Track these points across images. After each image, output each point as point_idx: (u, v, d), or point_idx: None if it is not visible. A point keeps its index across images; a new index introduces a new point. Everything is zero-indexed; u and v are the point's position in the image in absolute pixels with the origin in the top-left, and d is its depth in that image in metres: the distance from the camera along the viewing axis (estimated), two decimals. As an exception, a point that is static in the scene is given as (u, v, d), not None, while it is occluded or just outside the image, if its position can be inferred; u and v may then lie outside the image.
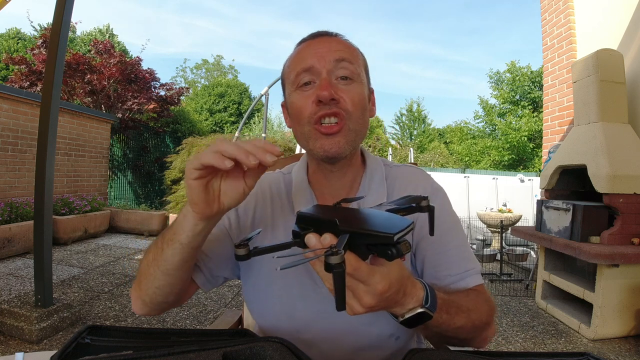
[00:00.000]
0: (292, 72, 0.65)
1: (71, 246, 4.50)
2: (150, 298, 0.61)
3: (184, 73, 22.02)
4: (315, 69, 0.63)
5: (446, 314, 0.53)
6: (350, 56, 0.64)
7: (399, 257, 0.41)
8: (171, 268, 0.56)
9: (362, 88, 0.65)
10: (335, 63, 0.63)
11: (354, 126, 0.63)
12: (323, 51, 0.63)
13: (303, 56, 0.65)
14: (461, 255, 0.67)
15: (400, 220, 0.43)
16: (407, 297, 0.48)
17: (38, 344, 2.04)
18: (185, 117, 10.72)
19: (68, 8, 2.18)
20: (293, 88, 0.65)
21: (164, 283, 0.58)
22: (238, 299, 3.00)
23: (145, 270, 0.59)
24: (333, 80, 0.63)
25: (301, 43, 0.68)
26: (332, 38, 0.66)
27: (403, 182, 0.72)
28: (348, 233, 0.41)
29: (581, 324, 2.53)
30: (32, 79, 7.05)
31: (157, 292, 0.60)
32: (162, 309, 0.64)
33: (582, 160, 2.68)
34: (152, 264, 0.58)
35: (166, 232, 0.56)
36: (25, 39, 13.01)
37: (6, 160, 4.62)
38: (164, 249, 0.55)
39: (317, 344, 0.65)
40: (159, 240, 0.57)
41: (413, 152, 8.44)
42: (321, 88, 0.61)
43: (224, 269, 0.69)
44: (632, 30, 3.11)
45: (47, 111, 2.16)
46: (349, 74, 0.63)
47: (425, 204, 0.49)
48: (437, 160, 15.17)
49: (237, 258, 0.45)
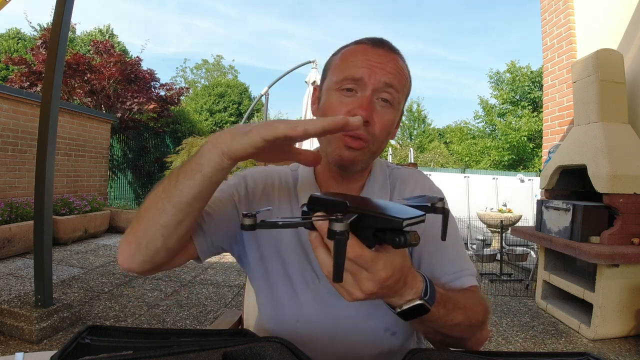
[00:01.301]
0: (340, 71, 0.65)
1: (71, 246, 4.50)
2: (149, 240, 0.55)
3: (184, 73, 22.09)
4: (363, 82, 0.63)
5: (443, 309, 0.53)
6: (399, 84, 0.65)
7: (406, 246, 0.40)
8: (185, 202, 0.52)
9: (395, 115, 0.67)
10: (383, 85, 0.63)
11: (375, 148, 0.66)
12: (377, 67, 0.63)
13: (357, 62, 0.64)
14: (457, 255, 0.68)
15: (411, 210, 0.43)
16: (406, 287, 0.48)
17: (38, 344, 2.04)
18: (185, 117, 10.73)
19: (68, 8, 2.18)
20: (334, 87, 0.65)
21: (171, 219, 0.53)
22: (238, 299, 3.01)
23: (151, 204, 0.55)
24: (374, 99, 0.63)
25: (360, 43, 0.67)
26: (390, 55, 0.66)
27: (403, 183, 0.75)
28: (357, 213, 0.41)
29: (581, 324, 2.53)
30: (32, 79, 7.05)
31: (159, 232, 0.54)
32: (154, 261, 0.57)
33: (582, 160, 2.68)
34: (161, 197, 0.54)
35: (184, 166, 0.53)
36: (25, 39, 13.02)
37: (6, 160, 4.62)
38: (180, 180, 0.52)
39: (315, 334, 0.66)
40: (172, 174, 0.54)
41: (413, 152, 8.45)
42: (361, 107, 0.61)
43: (225, 238, 0.69)
44: (632, 30, 3.11)
45: (47, 111, 2.16)
46: (390, 99, 0.64)
47: (441, 205, 0.48)
48: (437, 160, 15.18)
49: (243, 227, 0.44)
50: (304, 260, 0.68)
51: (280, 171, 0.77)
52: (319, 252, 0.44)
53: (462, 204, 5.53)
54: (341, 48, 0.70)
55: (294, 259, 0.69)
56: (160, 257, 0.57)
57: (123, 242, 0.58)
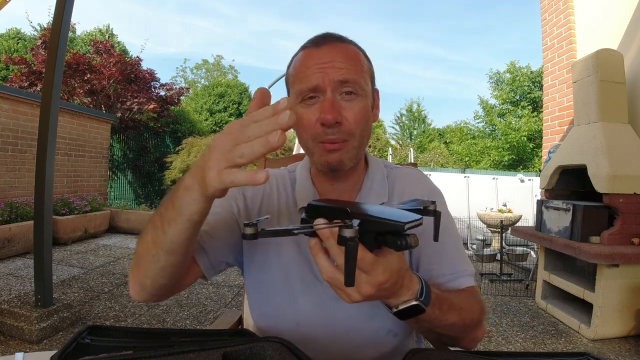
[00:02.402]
0: (296, 84, 0.64)
1: (71, 246, 4.50)
2: (152, 281, 0.58)
3: (184, 73, 22.08)
4: (320, 88, 0.62)
5: (439, 309, 0.54)
6: (355, 74, 0.63)
7: (407, 248, 0.42)
8: (176, 247, 0.53)
9: (366, 101, 0.65)
10: (339, 83, 0.62)
11: (356, 143, 0.65)
12: (327, 67, 0.62)
13: (307, 70, 0.63)
14: (455, 256, 0.68)
15: (409, 214, 0.44)
16: (403, 288, 0.49)
17: (38, 344, 2.04)
18: (185, 117, 10.71)
19: (68, 8, 2.18)
20: (297, 100, 0.64)
21: (167, 263, 0.55)
22: (238, 299, 3.00)
23: (145, 252, 0.55)
24: (337, 97, 0.62)
25: (305, 48, 0.66)
26: (335, 48, 0.64)
27: (402, 183, 0.74)
28: (359, 219, 0.42)
29: (581, 324, 2.53)
30: (32, 79, 7.05)
31: (159, 274, 0.56)
32: (162, 293, 0.61)
33: (582, 160, 2.68)
34: (152, 246, 0.54)
35: (165, 211, 0.51)
36: (25, 39, 13.01)
37: (6, 160, 4.62)
38: (166, 230, 0.51)
39: (315, 337, 0.66)
40: (156, 220, 0.53)
41: (413, 152, 8.45)
42: (325, 110, 0.60)
43: (228, 253, 0.69)
44: (632, 30, 3.11)
45: (47, 111, 2.16)
46: (353, 90, 0.63)
47: (433, 208, 0.50)
48: (437, 160, 15.17)
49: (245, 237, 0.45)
50: (303, 264, 0.68)
51: (277, 175, 0.76)
52: (319, 258, 0.45)
53: (462, 204, 5.53)
54: (292, 58, 0.69)
55: (293, 263, 0.68)
56: (166, 289, 0.61)
57: (130, 279, 0.61)
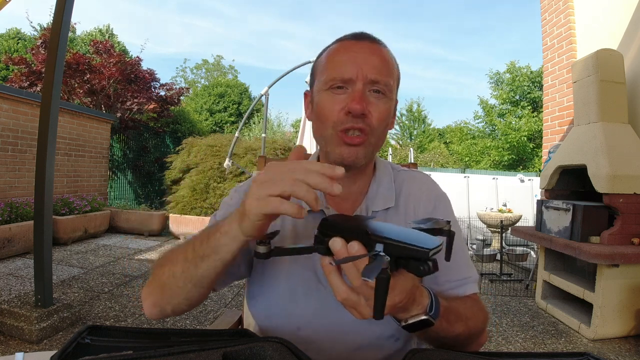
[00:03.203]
0: (328, 72, 0.64)
1: (71, 246, 4.50)
2: (174, 307, 0.61)
3: (184, 73, 22.02)
4: (352, 80, 0.62)
5: (446, 322, 0.54)
6: (387, 75, 0.64)
7: (429, 274, 0.40)
8: (205, 281, 0.56)
9: (390, 104, 0.66)
10: (372, 80, 0.62)
11: (375, 140, 0.65)
12: (362, 62, 0.62)
13: (341, 61, 0.63)
14: (461, 263, 0.69)
15: (432, 239, 0.42)
16: (414, 304, 0.50)
17: (38, 344, 2.04)
18: (185, 117, 10.71)
19: (68, 8, 2.18)
20: (324, 87, 0.65)
21: (192, 294, 0.58)
22: (238, 299, 3.00)
23: (172, 282, 0.58)
24: (366, 92, 0.63)
25: (342, 40, 0.67)
26: (373, 46, 0.65)
27: (410, 187, 0.74)
28: (382, 243, 0.40)
29: (581, 324, 2.53)
30: (32, 79, 7.05)
31: (183, 302, 0.60)
32: (178, 314, 0.65)
33: (582, 160, 2.68)
34: (181, 278, 0.56)
35: (200, 246, 0.54)
36: (25, 39, 13.00)
37: (6, 160, 4.62)
38: (198, 264, 0.54)
39: (317, 341, 0.65)
40: (188, 253, 0.55)
41: (413, 152, 8.43)
42: (354, 100, 0.60)
43: (237, 266, 0.69)
44: (632, 30, 3.11)
45: (47, 111, 2.16)
46: (382, 89, 0.64)
47: (447, 228, 0.49)
48: (437, 160, 15.16)
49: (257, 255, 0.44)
50: (306, 267, 0.67)
51: None
52: (333, 277, 0.44)
53: (462, 204, 5.53)
54: (325, 49, 0.69)
55: (296, 265, 0.68)
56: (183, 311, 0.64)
57: (147, 299, 0.62)
